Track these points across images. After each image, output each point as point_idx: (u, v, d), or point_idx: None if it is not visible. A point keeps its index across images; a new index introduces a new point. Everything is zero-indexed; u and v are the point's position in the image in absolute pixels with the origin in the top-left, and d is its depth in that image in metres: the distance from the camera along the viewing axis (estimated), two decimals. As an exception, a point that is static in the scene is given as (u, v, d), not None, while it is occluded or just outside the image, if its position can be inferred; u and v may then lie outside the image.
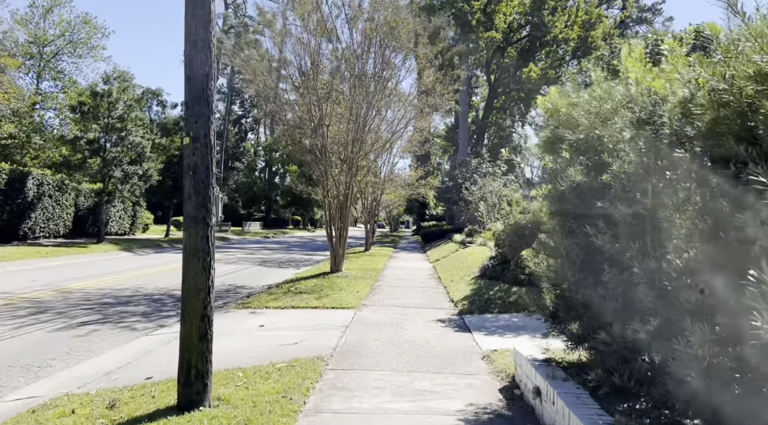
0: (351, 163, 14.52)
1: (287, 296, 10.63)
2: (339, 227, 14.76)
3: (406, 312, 9.02)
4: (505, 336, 7.16)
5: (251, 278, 15.74)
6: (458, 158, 36.51)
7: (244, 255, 24.41)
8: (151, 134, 26.75)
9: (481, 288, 10.55)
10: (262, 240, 40.44)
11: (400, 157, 28.33)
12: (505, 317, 8.54)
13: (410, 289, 12.12)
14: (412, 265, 18.98)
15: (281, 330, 7.54)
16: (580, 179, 3.44)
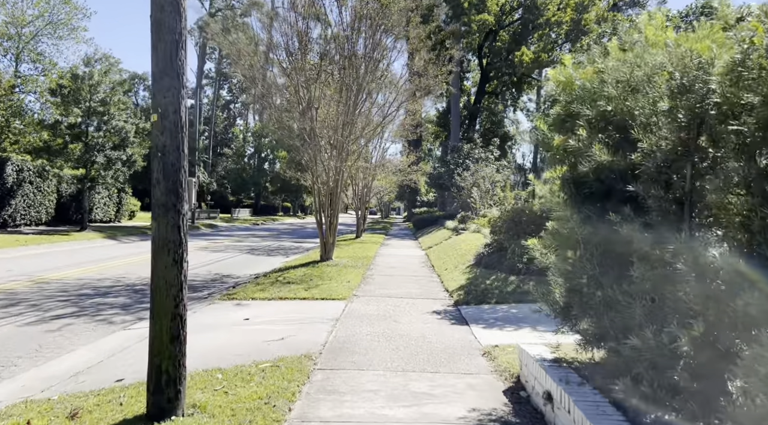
0: (341, 147, 13.99)
1: (275, 287, 10.17)
2: (329, 215, 14.27)
3: (400, 304, 8.59)
4: (505, 330, 6.76)
5: (238, 266, 15.25)
6: (450, 144, 36.03)
7: (232, 243, 23.87)
8: (135, 118, 25.92)
9: (477, 277, 10.15)
10: (251, 227, 39.84)
11: (392, 142, 27.80)
12: (504, 308, 8.14)
13: (403, 278, 11.70)
14: (404, 253, 18.57)
15: (267, 324, 7.08)
16: (605, 159, 2.99)
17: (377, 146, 23.69)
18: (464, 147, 32.33)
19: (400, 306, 8.35)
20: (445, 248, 16.67)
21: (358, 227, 25.36)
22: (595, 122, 3.43)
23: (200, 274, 13.48)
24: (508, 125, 61.94)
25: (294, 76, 13.47)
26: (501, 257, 10.62)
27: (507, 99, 53.60)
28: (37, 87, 27.81)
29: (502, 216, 10.97)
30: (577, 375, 3.83)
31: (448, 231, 21.94)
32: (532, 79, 48.22)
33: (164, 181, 3.88)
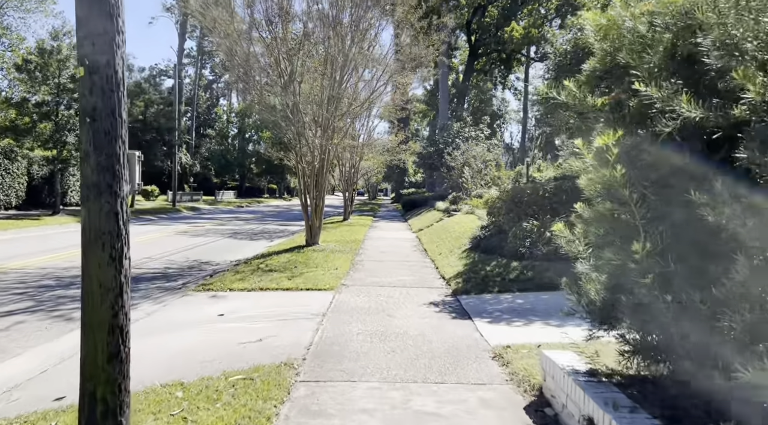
0: (326, 125, 13.04)
1: (255, 275, 9.31)
2: (314, 197, 13.38)
3: (393, 294, 7.79)
4: (514, 324, 5.99)
5: (219, 252, 14.35)
6: (439, 122, 35.06)
7: (213, 226, 22.90)
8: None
9: (475, 263, 9.37)
10: (235, 210, 38.76)
11: (380, 120, 26.79)
12: (508, 298, 7.37)
13: (395, 264, 10.90)
14: (394, 235, 17.77)
15: (244, 321, 6.24)
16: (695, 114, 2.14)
17: (365, 124, 22.73)
18: (454, 126, 31.44)
19: (393, 297, 7.55)
20: (437, 230, 15.89)
21: (345, 209, 24.47)
22: (659, 70, 2.58)
23: (176, 261, 12.58)
24: (496, 104, 61.00)
25: (275, 46, 12.43)
26: (501, 240, 9.84)
27: (496, 77, 52.63)
28: (3, 63, 26.24)
29: (502, 197, 10.18)
30: (625, 397, 3.05)
31: (439, 213, 21.16)
32: (521, 55, 47.23)
33: (95, 154, 2.98)
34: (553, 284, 7.77)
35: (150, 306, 7.67)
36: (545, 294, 7.41)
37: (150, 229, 20.87)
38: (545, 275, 8.03)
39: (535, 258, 8.58)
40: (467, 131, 30.79)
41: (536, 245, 8.73)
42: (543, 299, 7.17)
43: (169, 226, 22.60)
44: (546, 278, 7.95)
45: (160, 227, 22.15)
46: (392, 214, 32.94)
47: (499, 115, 53.42)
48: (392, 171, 44.57)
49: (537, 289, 7.67)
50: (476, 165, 23.12)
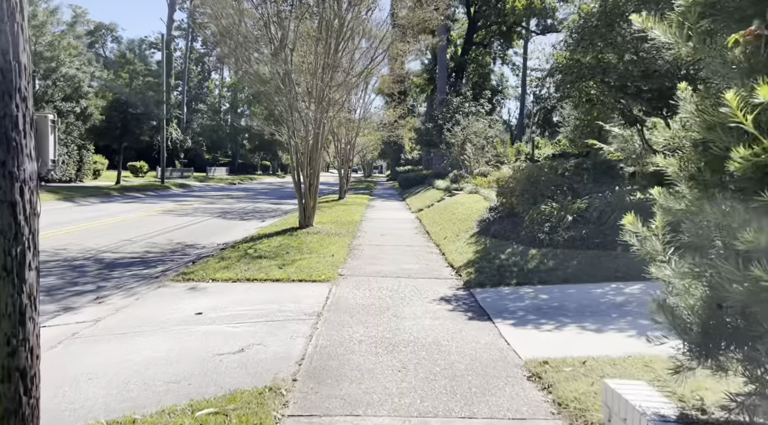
0: (321, 96, 11.94)
1: (242, 263, 8.35)
2: (308, 174, 12.35)
3: (398, 286, 6.86)
4: (544, 328, 5.07)
5: (206, 233, 13.37)
6: (438, 97, 33.80)
7: (202, 205, 21.86)
8: (89, 66, 23.20)
9: (487, 250, 8.44)
10: (226, 187, 37.67)
11: (377, 94, 25.53)
12: (529, 292, 6.46)
13: (396, 249, 9.96)
14: (392, 216, 16.82)
15: (225, 322, 5.30)
16: None
17: (361, 98, 21.56)
18: (453, 100, 30.23)
19: (398, 291, 6.62)
20: (440, 211, 14.94)
21: (341, 188, 23.45)
22: None
23: (158, 244, 11.60)
24: (495, 79, 59.46)
25: (264, 8, 11.27)
26: (514, 224, 8.90)
27: (495, 51, 51.09)
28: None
29: (516, 176, 9.21)
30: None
31: (439, 192, 20.19)
32: (522, 28, 45.68)
33: (-26, 115, 1.98)
34: (578, 276, 6.87)
35: (120, 300, 6.72)
36: (571, 288, 6.51)
37: (134, 207, 19.82)
38: (569, 266, 7.12)
39: (555, 245, 7.66)
40: (467, 106, 29.62)
41: (556, 231, 7.80)
42: (570, 294, 6.26)
43: (155, 204, 21.55)
44: (570, 268, 7.04)
45: (145, 205, 21.09)
46: (389, 192, 31.96)
47: (498, 90, 52.05)
48: (389, 148, 43.40)
49: (561, 281, 6.77)
50: (479, 142, 22.07)
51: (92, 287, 7.60)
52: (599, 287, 6.46)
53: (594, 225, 7.68)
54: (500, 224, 9.33)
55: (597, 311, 5.48)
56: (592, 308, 5.63)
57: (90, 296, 7.08)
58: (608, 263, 7.05)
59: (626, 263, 7.02)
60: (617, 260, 7.11)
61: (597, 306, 5.69)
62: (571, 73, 8.67)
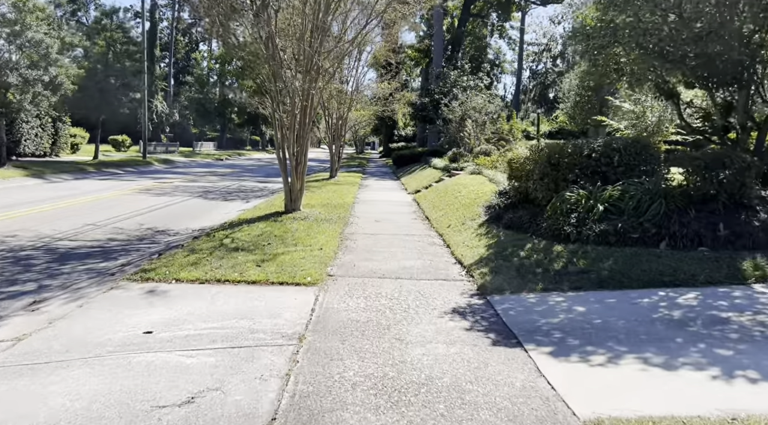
0: (309, 64, 10.55)
1: (215, 257, 7.11)
2: (295, 152, 11.04)
3: (399, 292, 5.66)
4: (591, 359, 3.89)
5: (181, 216, 12.08)
6: (434, 70, 32.19)
7: (184, 183, 20.47)
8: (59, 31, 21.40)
9: (501, 244, 7.23)
10: (213, 163, 36.13)
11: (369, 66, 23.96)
12: (560, 301, 5.28)
13: (395, 240, 8.74)
14: (387, 197, 15.57)
15: (179, 347, 4.08)
16: None
17: (354, 68, 20.04)
18: (451, 74, 28.71)
19: (400, 298, 5.42)
20: (439, 193, 13.71)
21: (332, 166, 22.07)
22: None
23: (126, 229, 10.31)
24: (492, 53, 57.62)
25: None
26: (532, 214, 7.69)
27: (493, 23, 49.29)
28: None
29: (534, 156, 7.96)
30: None
31: (437, 171, 18.92)
32: (522, 0, 43.88)
33: None
34: (616, 279, 5.71)
35: (60, 306, 5.49)
36: (610, 296, 5.34)
37: (109, 185, 18.41)
38: (604, 267, 5.95)
39: (585, 241, 6.46)
40: (465, 80, 28.15)
41: (585, 223, 6.60)
42: (611, 306, 5.09)
43: (133, 182, 20.13)
44: (606, 270, 5.87)
45: (122, 182, 19.67)
46: (382, 170, 30.62)
47: (496, 64, 50.41)
48: (382, 124, 41.84)
49: (596, 286, 5.59)
50: (480, 118, 20.72)
51: (33, 287, 6.35)
52: (645, 296, 5.30)
53: (630, 217, 6.49)
54: (514, 213, 8.11)
55: (654, 335, 4.32)
56: (645, 328, 4.47)
57: (26, 300, 5.83)
58: (651, 264, 5.89)
59: (673, 264, 5.86)
60: (662, 261, 5.95)
61: (651, 326, 4.53)
62: (602, 37, 7.36)
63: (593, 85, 38.30)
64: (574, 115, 41.01)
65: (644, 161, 7.53)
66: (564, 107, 41.09)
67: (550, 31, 65.50)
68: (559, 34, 70.02)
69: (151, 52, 60.14)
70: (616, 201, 6.76)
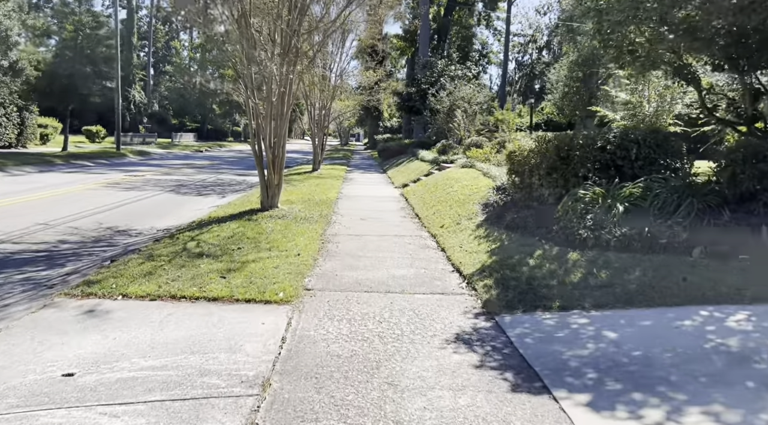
0: (287, 45, 9.50)
1: (174, 266, 6.09)
2: (272, 144, 10.01)
3: (390, 312, 4.71)
4: (646, 418, 2.97)
5: (148, 213, 10.99)
6: (421, 59, 31.12)
7: (157, 176, 19.26)
8: (20, 13, 19.92)
9: (505, 249, 6.31)
10: (191, 155, 34.75)
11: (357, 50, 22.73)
12: (584, 323, 4.37)
13: (383, 242, 7.78)
14: (374, 192, 14.58)
15: (103, 400, 3.09)
16: None
17: (338, 55, 18.92)
18: (438, 63, 27.69)
19: (391, 321, 4.47)
20: (429, 188, 12.76)
21: (315, 158, 20.99)
22: None
23: (82, 228, 9.23)
24: (478, 44, 56.59)
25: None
26: (539, 213, 6.78)
27: (480, 12, 48.24)
28: None
29: (540, 149, 7.05)
30: None
31: (425, 164, 17.98)
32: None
33: None
34: (647, 294, 4.82)
35: (-27, 332, 4.45)
36: (643, 316, 4.45)
37: (75, 179, 17.15)
38: (630, 279, 5.05)
39: (604, 246, 5.57)
40: (453, 70, 27.17)
41: (603, 225, 5.70)
42: (648, 330, 4.20)
43: (103, 175, 18.87)
44: (633, 283, 4.97)
45: (90, 176, 18.41)
46: (368, 162, 29.58)
47: (482, 55, 49.44)
48: (367, 114, 40.73)
49: (623, 304, 4.69)
50: (470, 109, 19.79)
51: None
52: (685, 316, 4.41)
53: (657, 218, 5.61)
54: (517, 212, 7.19)
55: (716, 375, 3.42)
56: (701, 364, 3.58)
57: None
58: (686, 276, 5.01)
59: (712, 276, 4.99)
60: (698, 271, 5.07)
61: (707, 361, 3.64)
62: (619, 11, 6.43)
63: (582, 76, 37.50)
64: (563, 106, 40.27)
65: (665, 154, 6.66)
66: (552, 98, 40.34)
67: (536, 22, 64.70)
68: (545, 25, 69.41)
69: (129, 40, 58.18)
70: (638, 200, 5.87)
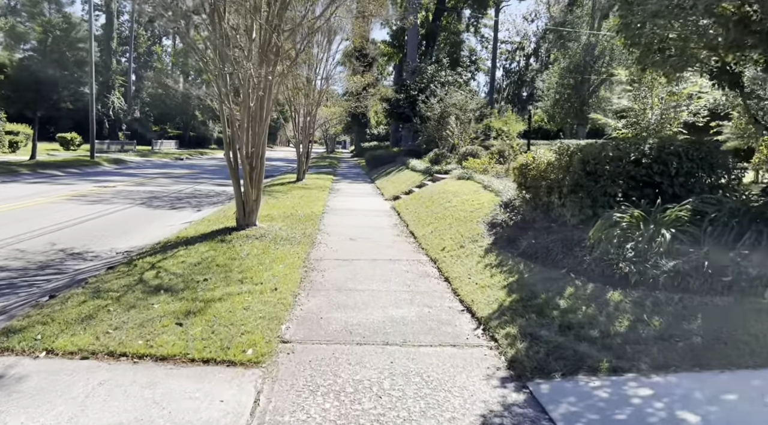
0: (266, 43, 8.40)
1: (123, 305, 4.93)
2: (250, 154, 8.88)
3: (390, 379, 3.61)
4: None
5: (111, 232, 9.78)
6: (409, 65, 30.16)
7: (129, 187, 17.95)
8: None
9: (527, 285, 5.22)
10: (171, 163, 33.35)
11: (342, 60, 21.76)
12: (652, 401, 3.30)
13: (375, 270, 6.66)
14: (363, 205, 13.46)
15: None
16: None
17: (323, 58, 17.84)
18: (428, 69, 26.73)
19: (392, 395, 3.37)
20: (423, 201, 11.69)
21: (299, 168, 19.83)
22: None
23: (29, 251, 8.02)
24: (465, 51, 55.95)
25: None
26: (564, 240, 5.71)
27: (469, 19, 47.55)
28: None
29: (562, 162, 6.01)
30: None
31: (416, 174, 16.92)
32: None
33: None
34: (720, 351, 3.78)
35: None
36: (723, 385, 3.40)
37: (39, 190, 15.81)
38: (693, 329, 4.01)
39: (651, 284, 4.52)
40: (444, 75, 26.24)
41: (647, 257, 4.66)
42: (733, 406, 3.16)
43: (70, 186, 17.52)
44: (698, 334, 3.93)
45: (56, 186, 17.06)
46: (355, 171, 28.47)
47: (471, 61, 48.69)
48: (354, 122, 39.65)
49: (690, 364, 3.65)
50: (464, 116, 18.80)
51: None
52: (777, 386, 3.38)
53: (715, 248, 4.59)
54: (534, 236, 6.14)
55: None
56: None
57: None
58: (765, 325, 3.98)
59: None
60: (776, 320, 4.05)
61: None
62: (657, 1, 5.44)
63: (573, 83, 36.78)
64: (554, 113, 39.60)
65: (710, 169, 5.68)
66: (543, 106, 39.61)
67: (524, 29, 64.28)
68: (533, 32, 69.08)
69: (108, 45, 56.57)
70: (688, 226, 4.85)
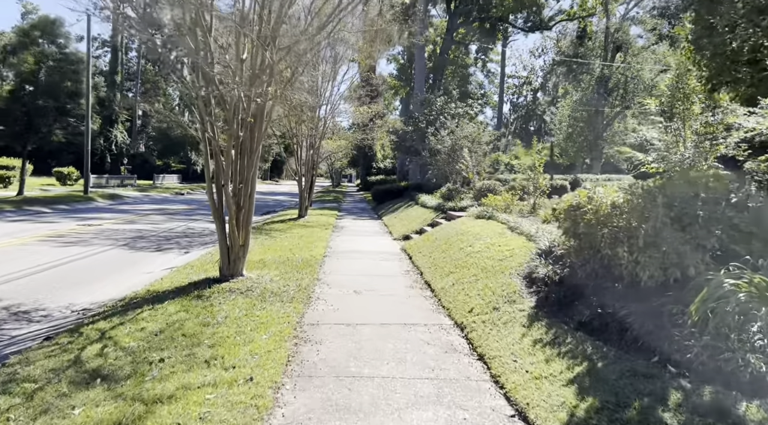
0: (256, 61, 7.13)
1: (31, 411, 3.44)
2: (237, 191, 7.51)
3: None
4: None
5: (79, 279, 8.35)
6: (417, 97, 29.12)
7: (116, 225, 16.59)
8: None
9: (605, 383, 3.70)
10: (170, 198, 32.15)
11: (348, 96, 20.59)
12: None
13: (387, 344, 5.15)
14: (369, 247, 11.99)
15: None
16: None
17: (328, 87, 16.69)
18: (437, 100, 25.63)
19: None
20: (439, 244, 10.21)
21: (301, 204, 18.46)
22: None
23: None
24: (474, 83, 55.44)
25: None
26: (645, 312, 4.21)
27: (477, 53, 47.04)
28: None
29: (633, 205, 4.57)
30: None
31: (427, 211, 15.51)
32: (508, 24, 41.63)
33: None
34: None
35: None
36: None
37: (13, 230, 14.46)
38: None
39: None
40: (453, 107, 25.12)
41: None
42: None
43: (51, 224, 16.18)
44: None
45: (35, 225, 15.73)
46: (360, 207, 27.10)
47: (481, 95, 47.96)
48: (360, 155, 38.55)
49: None
50: (480, 149, 17.51)
51: None
52: None
53: None
54: (598, 303, 4.64)
55: None
56: None
57: None
58: None
59: None
60: None
61: None
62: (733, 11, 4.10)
63: (587, 116, 35.52)
64: (566, 147, 38.26)
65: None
66: (556, 140, 38.33)
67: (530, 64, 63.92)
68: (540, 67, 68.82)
69: (111, 79, 56.36)
70: (838, 298, 3.36)
